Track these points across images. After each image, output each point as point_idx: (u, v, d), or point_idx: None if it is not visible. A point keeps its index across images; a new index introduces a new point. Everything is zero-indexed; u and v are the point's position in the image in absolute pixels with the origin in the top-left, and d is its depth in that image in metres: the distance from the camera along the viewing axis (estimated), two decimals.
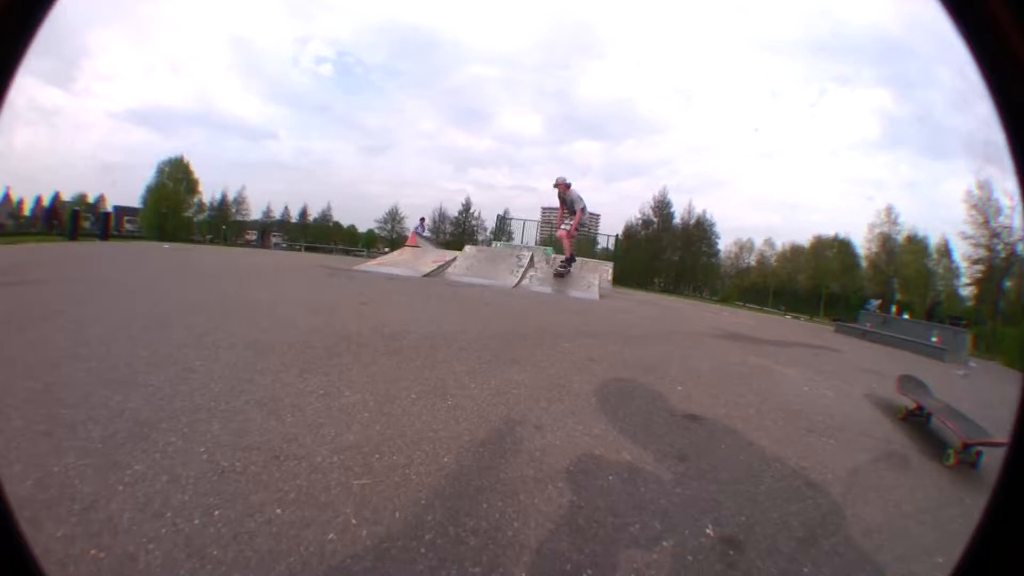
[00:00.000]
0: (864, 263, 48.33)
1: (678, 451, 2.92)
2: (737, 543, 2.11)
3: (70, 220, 23.59)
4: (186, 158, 54.55)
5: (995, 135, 0.61)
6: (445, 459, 2.63)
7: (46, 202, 53.78)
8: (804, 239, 54.20)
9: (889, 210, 47.34)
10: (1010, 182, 0.63)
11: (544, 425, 3.09)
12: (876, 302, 22.62)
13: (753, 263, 56.21)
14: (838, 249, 50.10)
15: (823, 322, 27.13)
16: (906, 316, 19.41)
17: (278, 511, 2.11)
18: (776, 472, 2.86)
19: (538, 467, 2.57)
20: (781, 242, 55.89)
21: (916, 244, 44.92)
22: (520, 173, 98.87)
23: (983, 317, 33.68)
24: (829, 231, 54.64)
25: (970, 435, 3.41)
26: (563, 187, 12.78)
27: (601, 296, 10.99)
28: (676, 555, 2.01)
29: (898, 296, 40.24)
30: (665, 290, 48.16)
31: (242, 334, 4.72)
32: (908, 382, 4.78)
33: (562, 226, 12.95)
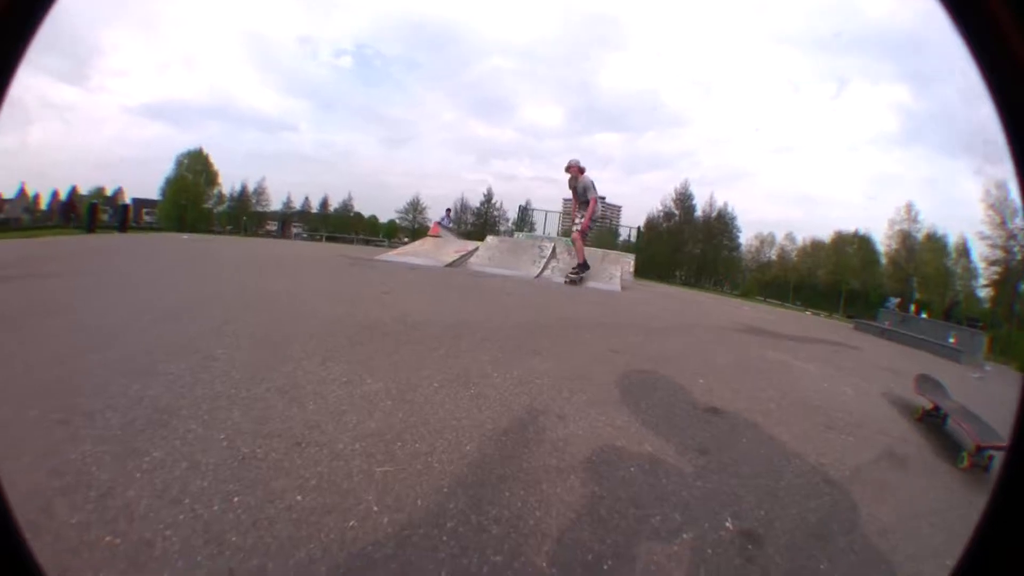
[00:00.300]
0: (884, 260, 47.91)
1: (699, 444, 2.91)
2: (756, 537, 2.10)
3: (87, 213, 23.36)
4: (205, 150, 54.93)
5: (995, 135, 0.61)
6: (467, 447, 2.62)
7: (63, 196, 54.14)
8: (825, 234, 53.78)
9: (909, 207, 46.89)
10: (1011, 182, 0.65)
11: (567, 415, 3.09)
12: (895, 300, 22.35)
13: (774, 257, 55.81)
14: (858, 245, 49.64)
15: (842, 319, 26.91)
16: (924, 315, 19.25)
17: (299, 498, 2.12)
18: (795, 468, 2.84)
19: (560, 457, 2.56)
20: (802, 237, 55.35)
21: (935, 243, 44.50)
22: (541, 164, 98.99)
23: (999, 320, 33.29)
24: (849, 226, 54.23)
25: (984, 438, 3.36)
26: (576, 171, 11.32)
27: (623, 288, 10.91)
28: (696, 548, 2.00)
29: (917, 295, 39.81)
30: (686, 283, 47.89)
31: (263, 323, 4.71)
32: (925, 382, 4.73)
33: (575, 223, 11.73)
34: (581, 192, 11.46)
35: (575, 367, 4.08)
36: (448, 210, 24.45)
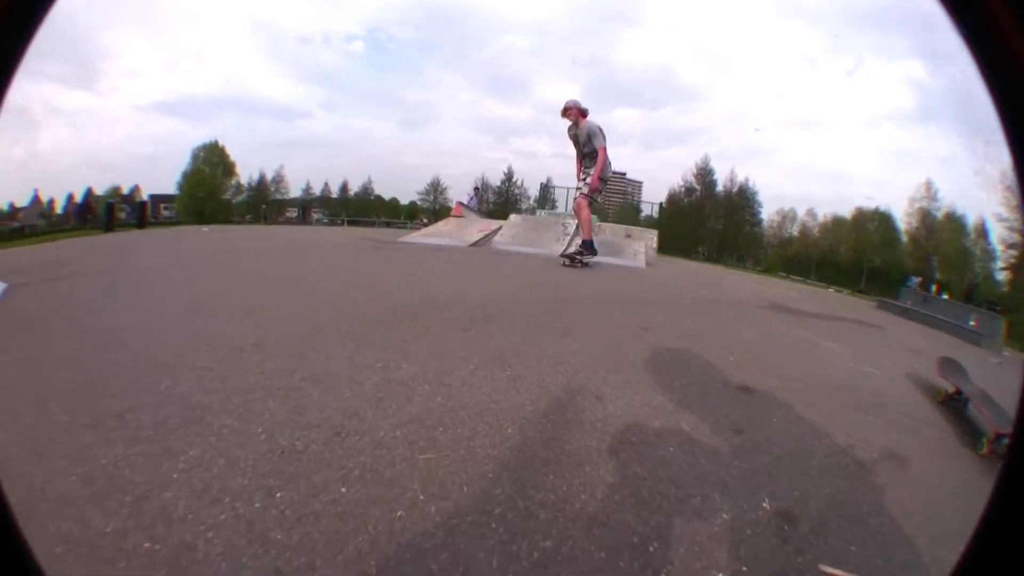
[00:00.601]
0: (904, 238, 47.48)
1: (734, 423, 2.92)
2: (792, 518, 2.11)
3: (104, 212, 23.36)
4: (220, 143, 54.78)
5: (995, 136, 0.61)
6: (509, 431, 2.61)
7: (78, 198, 54.29)
8: (845, 210, 53.13)
9: (928, 184, 46.36)
10: (1011, 182, 0.57)
11: (604, 395, 3.08)
12: (917, 279, 22.24)
13: (795, 234, 55.34)
14: (879, 222, 49.11)
15: (864, 297, 26.73)
16: (945, 296, 19.12)
17: (343, 490, 2.11)
18: (825, 448, 2.85)
19: (600, 438, 2.57)
20: (823, 213, 54.85)
21: (954, 222, 44.04)
22: (560, 142, 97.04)
23: (1018, 304, 32.94)
24: (869, 203, 53.66)
25: (1002, 425, 3.32)
26: (576, 113, 9.05)
27: (647, 264, 10.79)
28: (735, 528, 2.02)
29: (938, 274, 39.42)
30: (709, 259, 47.64)
31: (290, 311, 4.69)
32: (948, 365, 4.69)
33: (579, 185, 9.37)
34: (584, 140, 9.14)
35: (607, 346, 4.08)
36: (476, 189, 24.31)
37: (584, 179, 9.21)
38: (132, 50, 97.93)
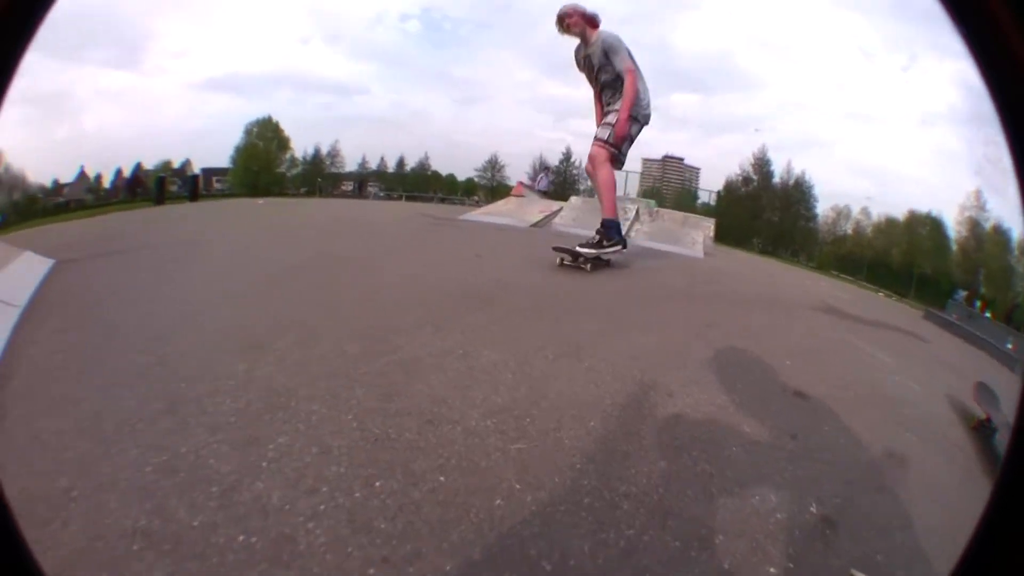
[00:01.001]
0: (954, 247, 46.05)
1: (790, 428, 3.01)
2: (832, 523, 2.23)
3: (156, 186, 23.30)
4: (274, 118, 54.38)
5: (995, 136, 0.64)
6: (591, 424, 2.68)
7: (127, 173, 54.67)
8: (899, 211, 51.65)
9: (978, 193, 44.88)
10: (1011, 182, 0.65)
11: (674, 392, 3.16)
12: (963, 293, 21.76)
13: (849, 232, 53.83)
14: (931, 228, 47.54)
15: (913, 304, 26.20)
16: (988, 315, 18.73)
17: (441, 479, 2.14)
18: (867, 459, 2.95)
19: (673, 434, 2.69)
20: (876, 212, 53.30)
21: (1000, 236, 42.68)
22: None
23: None
24: (922, 206, 52.04)
25: None
26: (580, 22, 6.20)
27: (705, 254, 10.75)
28: (787, 528, 2.14)
29: (983, 289, 38.33)
30: (764, 251, 46.80)
31: (363, 289, 4.80)
32: (983, 391, 4.58)
33: (601, 126, 6.40)
34: (599, 61, 6.26)
35: (676, 342, 4.18)
36: (546, 168, 23.62)
37: (606, 120, 6.30)
38: (179, 31, 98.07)
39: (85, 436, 2.26)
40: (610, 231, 6.23)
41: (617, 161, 6.41)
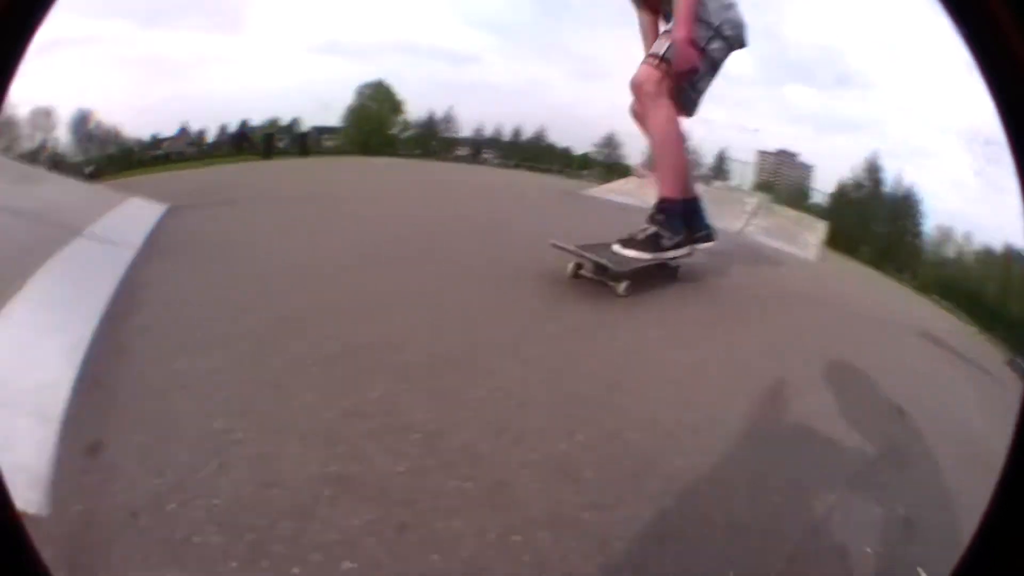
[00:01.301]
0: None
1: (889, 442, 3.10)
2: (913, 526, 2.40)
3: (264, 141, 22.48)
4: (386, 82, 54.00)
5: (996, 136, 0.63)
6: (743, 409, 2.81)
7: (230, 130, 54.45)
8: (998, 242, 48.22)
9: None
10: (1011, 182, 0.65)
11: (802, 392, 3.29)
12: None
13: (951, 256, 50.59)
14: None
15: (998, 345, 24.53)
16: None
17: (634, 436, 2.29)
18: (943, 483, 2.93)
19: (803, 433, 2.83)
20: (978, 239, 49.72)
21: None
22: (736, 111, 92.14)
23: None
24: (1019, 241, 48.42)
25: None
26: None
27: (816, 258, 10.42)
28: (879, 523, 2.37)
29: None
30: (871, 262, 44.55)
31: (519, 259, 4.73)
32: None
33: (659, 42, 3.96)
34: None
35: (804, 345, 4.29)
36: None
37: (662, 40, 3.96)
38: None
39: (245, 382, 2.31)
40: (672, 219, 4.09)
41: (685, 98, 4.07)
